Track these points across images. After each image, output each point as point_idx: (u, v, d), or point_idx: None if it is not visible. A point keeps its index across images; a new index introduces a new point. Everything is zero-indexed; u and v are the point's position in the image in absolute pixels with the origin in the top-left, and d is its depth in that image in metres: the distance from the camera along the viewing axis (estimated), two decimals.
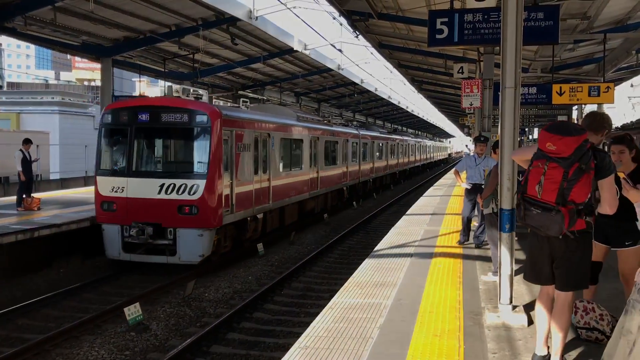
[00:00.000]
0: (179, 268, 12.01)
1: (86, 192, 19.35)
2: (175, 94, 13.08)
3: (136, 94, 24.17)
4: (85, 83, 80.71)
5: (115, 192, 12.18)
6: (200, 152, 12.26)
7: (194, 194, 11.83)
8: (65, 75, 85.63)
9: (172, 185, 11.88)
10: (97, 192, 12.46)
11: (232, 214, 12.96)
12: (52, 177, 31.41)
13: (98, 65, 18.83)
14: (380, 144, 33.31)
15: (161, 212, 11.84)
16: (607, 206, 3.96)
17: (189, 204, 11.79)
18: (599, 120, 4.60)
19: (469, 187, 9.83)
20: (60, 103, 44.28)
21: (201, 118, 12.17)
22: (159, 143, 13.44)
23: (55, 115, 38.41)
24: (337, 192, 23.82)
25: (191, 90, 13.51)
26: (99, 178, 12.55)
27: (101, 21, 15.17)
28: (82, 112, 43.45)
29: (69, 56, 67.55)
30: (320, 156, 20.85)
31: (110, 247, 12.21)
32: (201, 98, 13.56)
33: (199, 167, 12.17)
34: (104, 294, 10.73)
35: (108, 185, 12.31)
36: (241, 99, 17.61)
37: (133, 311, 8.56)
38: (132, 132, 12.38)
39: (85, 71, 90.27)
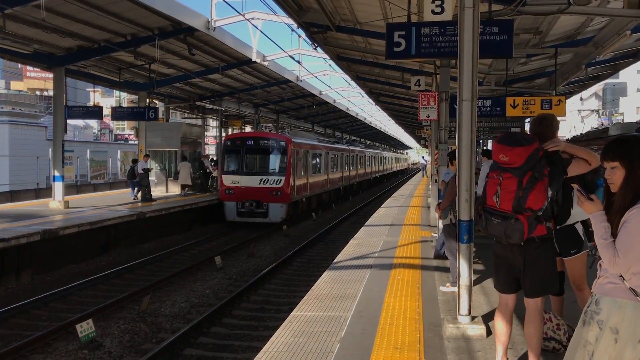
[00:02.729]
0: (269, 225, 20.70)
1: (38, 205, 18.72)
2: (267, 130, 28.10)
3: (90, 103, 23.92)
4: (38, 93, 78.48)
5: (234, 183, 21.25)
6: (282, 161, 21.65)
7: (278, 184, 21.03)
8: (16, 85, 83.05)
9: (267, 179, 21.19)
10: (221, 182, 21.62)
11: (294, 196, 22.07)
12: (1, 189, 30.36)
13: (51, 75, 18.32)
14: (361, 156, 41.81)
15: (260, 194, 20.92)
16: None
17: (276, 189, 20.98)
18: (550, 125, 4.47)
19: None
20: (11, 113, 42.99)
21: (283, 143, 21.81)
22: (258, 156, 22.41)
23: (5, 125, 37.15)
24: (336, 190, 32.45)
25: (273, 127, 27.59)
26: (224, 176, 21.56)
27: (54, 30, 14.76)
28: (33, 123, 42.28)
29: (19, 65, 65.75)
30: (330, 164, 29.88)
31: (229, 214, 21.16)
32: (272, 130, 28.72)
33: (280, 169, 21.56)
34: (55, 310, 10.36)
35: (229, 180, 21.37)
36: (286, 129, 28.58)
37: (85, 328, 8.26)
38: (243, 150, 21.75)
39: (38, 81, 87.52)
